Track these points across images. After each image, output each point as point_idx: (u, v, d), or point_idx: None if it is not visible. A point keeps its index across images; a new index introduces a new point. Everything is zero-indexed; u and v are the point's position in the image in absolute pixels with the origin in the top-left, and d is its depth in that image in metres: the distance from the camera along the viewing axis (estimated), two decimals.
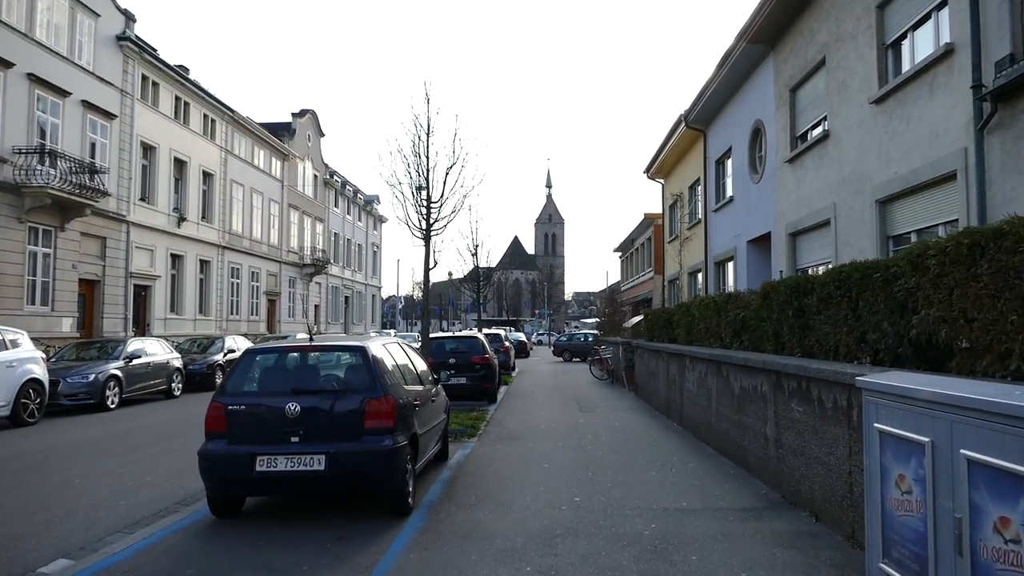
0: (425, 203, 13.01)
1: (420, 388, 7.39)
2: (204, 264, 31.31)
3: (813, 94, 13.34)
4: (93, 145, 23.15)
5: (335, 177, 49.89)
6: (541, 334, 46.85)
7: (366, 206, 57.67)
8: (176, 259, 28.94)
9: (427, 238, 13.07)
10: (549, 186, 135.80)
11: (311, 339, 6.62)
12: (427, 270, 13.26)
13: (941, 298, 4.32)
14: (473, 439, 10.60)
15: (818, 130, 13.08)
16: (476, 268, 23.75)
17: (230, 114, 32.92)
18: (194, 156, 29.95)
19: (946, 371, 4.53)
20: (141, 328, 26.07)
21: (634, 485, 7.37)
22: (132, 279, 25.42)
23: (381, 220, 62.91)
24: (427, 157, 12.99)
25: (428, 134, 13.02)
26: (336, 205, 50.75)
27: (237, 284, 34.36)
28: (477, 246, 23.75)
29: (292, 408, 5.86)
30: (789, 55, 14.18)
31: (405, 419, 6.31)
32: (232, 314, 33.75)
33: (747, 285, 17.10)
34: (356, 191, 54.73)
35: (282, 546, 5.41)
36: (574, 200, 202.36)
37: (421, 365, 8.28)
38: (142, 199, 26.32)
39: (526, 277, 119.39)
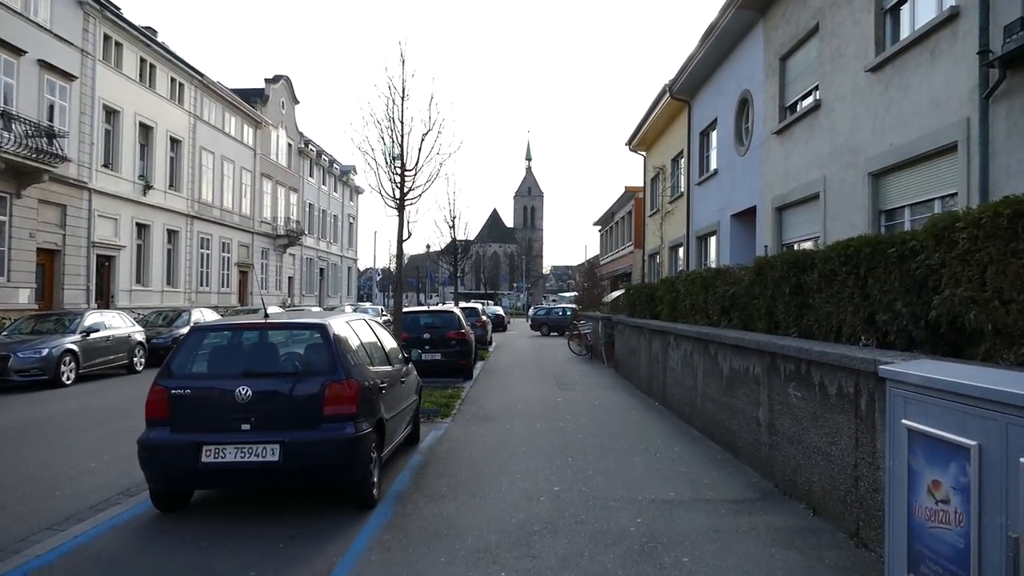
0: (399, 171, 12.35)
1: (388, 369, 6.83)
2: (172, 234, 30.30)
3: (804, 63, 12.82)
4: (51, 108, 22.02)
5: (310, 146, 48.66)
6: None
7: (342, 176, 56.49)
8: (142, 228, 27.93)
9: (400, 208, 12.43)
10: (529, 159, 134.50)
11: (266, 316, 6.00)
12: (400, 241, 12.64)
13: (971, 276, 3.84)
14: (447, 419, 10.10)
15: (809, 100, 12.58)
16: (453, 240, 23.10)
17: (199, 78, 31.67)
18: (161, 121, 28.78)
19: (969, 357, 4.07)
20: (105, 300, 25.16)
21: (617, 472, 6.91)
22: (95, 249, 24.43)
23: (358, 191, 61.76)
24: (401, 123, 12.31)
25: (403, 98, 12.33)
26: (311, 175, 49.58)
27: (207, 255, 33.38)
28: (455, 218, 23.10)
29: (243, 392, 5.27)
30: (780, 22, 13.62)
31: (370, 403, 5.75)
32: (202, 286, 32.82)
33: (731, 260, 16.72)
34: (332, 161, 53.52)
35: (230, 546, 4.86)
36: (554, 173, 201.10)
37: (390, 343, 7.71)
38: (105, 165, 25.21)
39: (504, 250, 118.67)
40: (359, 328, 6.62)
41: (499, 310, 46.50)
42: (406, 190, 12.38)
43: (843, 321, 5.57)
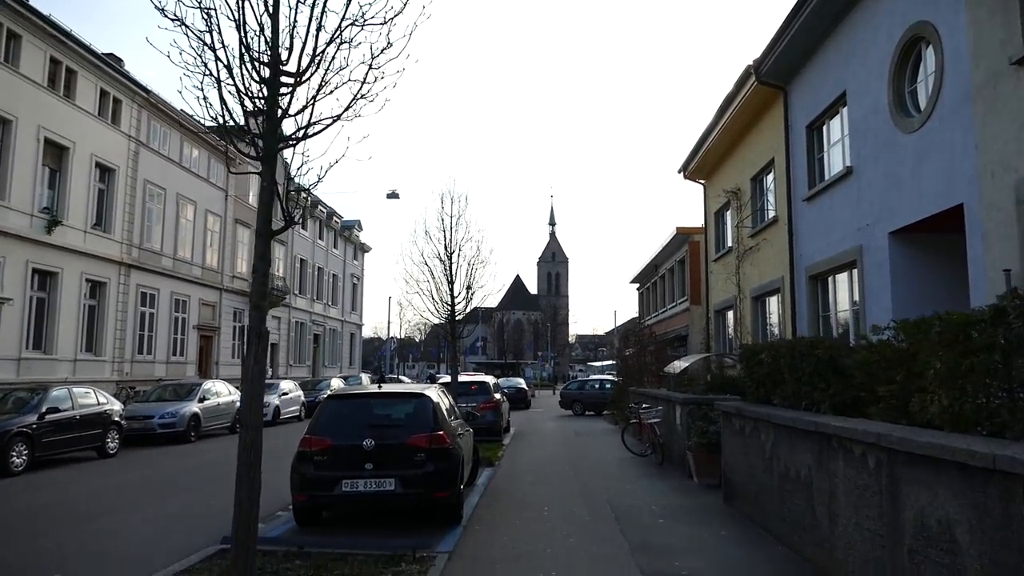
0: (264, 64, 5.18)
1: None
2: (97, 286, 23.43)
3: None
4: None
5: (303, 193, 42.26)
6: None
7: (344, 231, 50.06)
8: (45, 277, 21.06)
9: (268, 155, 5.21)
10: (552, 224, 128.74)
11: None
12: (269, 229, 5.36)
13: None
14: None
15: None
16: (450, 281, 15.85)
17: (143, 95, 25.36)
18: (82, 142, 22.28)
19: None
20: None
21: None
22: None
23: (363, 248, 55.26)
24: None
25: None
26: (303, 227, 43.08)
27: (151, 314, 26.39)
28: (451, 253, 15.89)
29: None
30: None
31: None
32: (141, 353, 25.70)
33: (892, 306, 9.66)
34: (331, 213, 47.14)
35: None
36: (580, 238, 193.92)
37: None
38: None
39: (528, 318, 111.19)
40: None
41: (520, 382, 38.67)
42: (283, 110, 5.19)
43: None
